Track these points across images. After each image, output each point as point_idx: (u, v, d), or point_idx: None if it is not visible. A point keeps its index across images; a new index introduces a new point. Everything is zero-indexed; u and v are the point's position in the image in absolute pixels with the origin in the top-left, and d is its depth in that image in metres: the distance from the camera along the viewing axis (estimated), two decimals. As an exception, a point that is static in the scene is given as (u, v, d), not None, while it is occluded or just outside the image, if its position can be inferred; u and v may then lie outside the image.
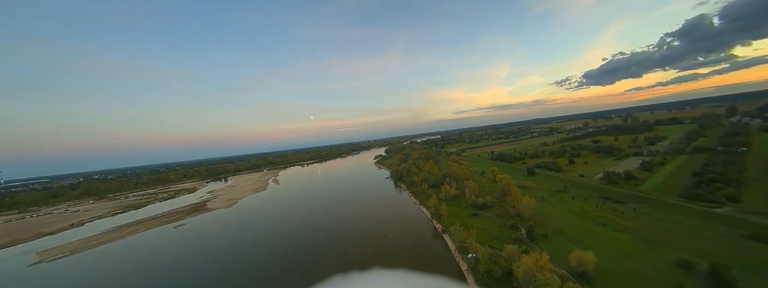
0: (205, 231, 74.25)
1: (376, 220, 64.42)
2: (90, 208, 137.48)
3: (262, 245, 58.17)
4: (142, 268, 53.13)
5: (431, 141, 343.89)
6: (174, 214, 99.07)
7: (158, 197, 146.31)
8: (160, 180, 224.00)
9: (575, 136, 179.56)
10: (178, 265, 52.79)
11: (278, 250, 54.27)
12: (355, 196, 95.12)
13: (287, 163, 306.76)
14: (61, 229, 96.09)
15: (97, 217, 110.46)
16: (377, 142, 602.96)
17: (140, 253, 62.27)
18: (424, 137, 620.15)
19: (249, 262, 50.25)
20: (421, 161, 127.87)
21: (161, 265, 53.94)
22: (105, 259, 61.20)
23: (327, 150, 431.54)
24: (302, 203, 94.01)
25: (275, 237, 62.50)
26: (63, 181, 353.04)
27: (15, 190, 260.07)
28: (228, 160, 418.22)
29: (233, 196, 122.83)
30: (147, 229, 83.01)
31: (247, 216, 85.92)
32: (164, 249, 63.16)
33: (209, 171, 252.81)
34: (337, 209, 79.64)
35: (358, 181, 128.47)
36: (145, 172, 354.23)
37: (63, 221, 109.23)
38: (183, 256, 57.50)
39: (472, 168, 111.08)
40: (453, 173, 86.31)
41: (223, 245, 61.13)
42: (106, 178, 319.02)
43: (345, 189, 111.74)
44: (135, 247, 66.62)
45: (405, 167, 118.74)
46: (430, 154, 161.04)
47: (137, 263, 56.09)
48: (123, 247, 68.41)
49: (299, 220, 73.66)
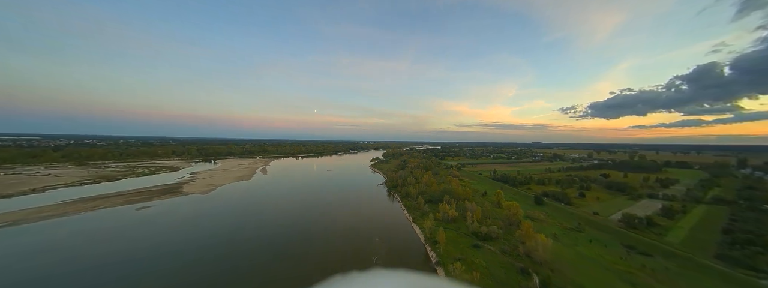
0: (166, 219, 65.52)
1: (360, 235, 55.91)
2: (64, 173, 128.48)
3: (218, 246, 49.62)
4: (69, 256, 44.45)
5: (431, 151, 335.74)
6: (143, 193, 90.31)
7: (137, 172, 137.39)
8: (147, 154, 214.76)
9: (581, 167, 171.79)
10: (108, 258, 44.12)
11: (233, 254, 45.81)
12: (343, 200, 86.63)
13: (282, 153, 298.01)
14: (20, 193, 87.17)
15: (63, 185, 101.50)
16: (376, 144, 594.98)
17: (81, 235, 53.52)
18: (424, 145, 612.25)
19: (191, 264, 41.73)
20: (419, 171, 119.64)
21: (90, 256, 45.23)
22: (39, 237, 52.44)
23: (324, 145, 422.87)
24: (283, 201, 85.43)
25: (238, 237, 53.94)
26: (53, 141, 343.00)
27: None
28: (223, 142, 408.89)
29: (214, 182, 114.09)
30: (106, 207, 74.22)
31: (220, 207, 77.17)
32: (110, 234, 54.44)
33: (200, 151, 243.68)
34: (318, 215, 71.10)
35: (350, 184, 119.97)
36: (137, 144, 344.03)
37: (27, 184, 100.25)
38: (123, 247, 48.76)
39: (473, 186, 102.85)
40: (453, 190, 78.01)
41: (177, 239, 52.58)
42: (96, 143, 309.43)
43: (333, 191, 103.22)
44: (79, 228, 57.84)
45: (401, 175, 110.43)
46: (429, 164, 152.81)
47: (67, 248, 47.39)
48: (68, 224, 59.66)
49: (273, 222, 65.00)
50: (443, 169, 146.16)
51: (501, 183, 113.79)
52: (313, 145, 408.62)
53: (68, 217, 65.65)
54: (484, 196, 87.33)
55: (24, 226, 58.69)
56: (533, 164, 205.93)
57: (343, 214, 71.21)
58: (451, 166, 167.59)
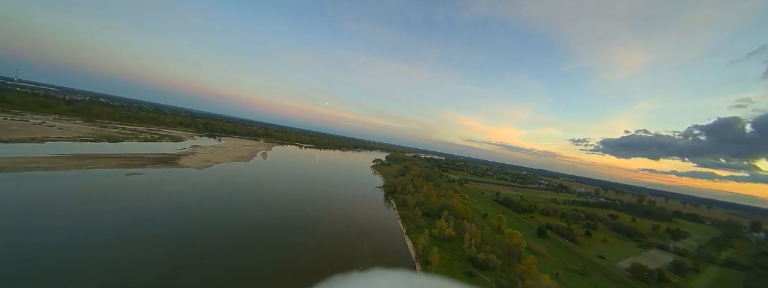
0: (153, 189, 62.86)
1: (348, 240, 52.13)
2: (69, 127, 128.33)
3: (190, 223, 46.52)
4: (35, 212, 41.79)
5: (435, 161, 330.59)
6: (138, 159, 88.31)
7: (140, 137, 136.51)
8: (155, 120, 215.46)
9: (588, 203, 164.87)
10: (74, 220, 41.29)
11: (201, 235, 42.61)
12: (337, 198, 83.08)
13: (286, 140, 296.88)
14: (19, 140, 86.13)
15: (64, 139, 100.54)
16: (381, 146, 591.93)
17: (61, 195, 51.05)
18: (428, 154, 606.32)
19: (154, 238, 38.54)
20: (420, 180, 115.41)
21: (64, 217, 42.50)
22: (20, 189, 50.17)
23: (329, 139, 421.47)
24: (276, 189, 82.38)
25: (218, 218, 50.78)
26: (70, 95, 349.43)
27: (18, 90, 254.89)
28: (230, 120, 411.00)
29: (212, 158, 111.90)
30: (98, 168, 72.21)
31: (212, 185, 74.41)
32: (90, 195, 51.88)
33: (206, 125, 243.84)
34: (308, 209, 67.63)
35: (348, 182, 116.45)
36: (148, 109, 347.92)
37: (28, 132, 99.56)
38: (97, 210, 46.02)
39: (474, 205, 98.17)
40: (453, 207, 73.68)
41: (156, 210, 49.70)
42: (110, 103, 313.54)
43: (330, 186, 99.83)
44: (64, 186, 55.48)
45: (401, 182, 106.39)
46: (431, 174, 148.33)
47: (42, 203, 44.82)
48: (55, 180, 57.43)
49: (260, 209, 61.80)
50: (445, 182, 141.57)
51: (503, 206, 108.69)
52: (318, 137, 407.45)
53: (56, 171, 63.62)
54: (484, 217, 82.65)
55: (9, 174, 56.71)
56: (538, 191, 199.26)
57: (335, 212, 67.56)
58: (454, 180, 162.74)
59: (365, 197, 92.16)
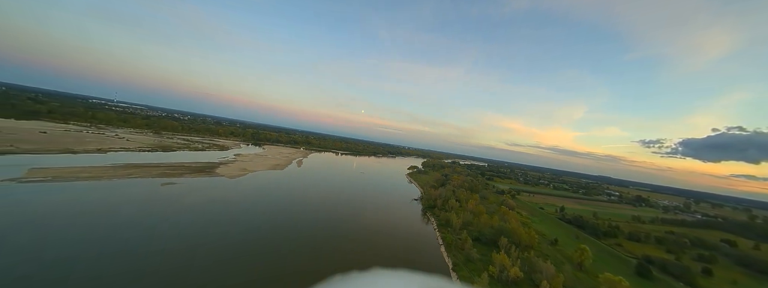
0: (180, 200, 59.17)
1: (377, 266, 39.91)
2: (136, 138, 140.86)
3: (197, 245, 39.01)
4: (46, 225, 38.10)
5: (476, 167, 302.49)
6: (180, 168, 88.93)
7: (192, 146, 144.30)
8: (210, 131, 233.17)
9: (683, 222, 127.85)
10: (75, 233, 36.34)
11: (209, 261, 34.30)
12: (367, 214, 72.06)
13: (324, 147, 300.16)
14: (86, 151, 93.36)
15: (124, 149, 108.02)
16: (416, 152, 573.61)
17: (85, 205, 48.71)
18: (467, 160, 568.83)
19: (175, 259, 30.97)
20: (463, 192, 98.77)
21: (58, 228, 38.21)
22: (54, 197, 49.14)
23: (365, 145, 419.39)
24: (304, 200, 74.77)
25: (229, 242, 42.94)
26: (152, 111, 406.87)
27: (110, 108, 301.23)
28: (277, 130, 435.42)
29: (248, 167, 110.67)
30: (139, 177, 72.41)
31: (238, 197, 69.53)
32: (110, 208, 48.70)
33: (253, 135, 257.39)
34: (335, 223, 57.71)
35: (381, 193, 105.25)
36: (210, 121, 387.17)
37: (99, 143, 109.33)
38: (105, 223, 41.43)
39: (535, 225, 78.66)
40: (512, 231, 56.88)
41: (171, 223, 43.93)
42: (181, 118, 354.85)
43: (361, 197, 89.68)
44: (94, 196, 53.87)
45: (442, 194, 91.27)
46: (475, 184, 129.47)
47: (60, 215, 41.73)
48: (90, 189, 56.82)
49: (279, 226, 53.45)
50: (492, 193, 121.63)
51: (574, 227, 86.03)
52: (353, 143, 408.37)
53: (98, 181, 64.08)
54: (554, 245, 63.44)
55: (55, 184, 57.56)
56: (610, 206, 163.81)
57: (361, 234, 56.35)
58: (503, 191, 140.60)
59: (400, 211, 79.55)
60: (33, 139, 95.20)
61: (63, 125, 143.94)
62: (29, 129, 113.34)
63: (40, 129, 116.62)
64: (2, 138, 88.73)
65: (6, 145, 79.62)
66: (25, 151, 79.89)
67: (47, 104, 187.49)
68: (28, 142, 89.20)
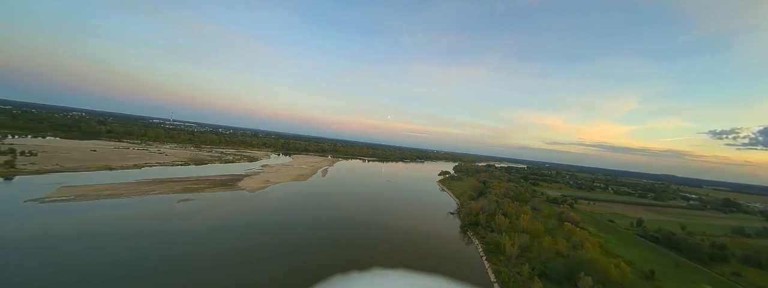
0: (190, 219, 53.23)
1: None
2: (174, 153, 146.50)
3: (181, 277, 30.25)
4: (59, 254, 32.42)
5: (515, 170, 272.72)
6: (204, 182, 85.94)
7: (223, 158, 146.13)
8: (244, 143, 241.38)
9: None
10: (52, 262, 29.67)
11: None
12: (397, 231, 60.03)
13: (350, 154, 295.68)
14: (123, 167, 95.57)
15: (159, 164, 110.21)
16: (446, 155, 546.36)
17: (92, 227, 43.95)
18: (503, 162, 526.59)
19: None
20: (509, 204, 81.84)
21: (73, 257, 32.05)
22: (62, 219, 45.39)
23: (392, 151, 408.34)
24: (323, 216, 65.35)
25: (225, 272, 33.85)
26: (199, 128, 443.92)
27: (164, 126, 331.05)
28: (306, 139, 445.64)
29: (272, 179, 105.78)
30: (160, 193, 69.34)
31: (256, 213, 62.60)
32: (121, 230, 43.26)
33: (283, 145, 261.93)
34: (357, 252, 46.60)
35: (411, 205, 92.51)
36: (248, 134, 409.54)
37: (138, 159, 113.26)
38: (92, 248, 34.96)
39: (610, 245, 59.61)
40: (593, 262, 40.47)
41: (168, 246, 36.45)
42: (222, 132, 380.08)
43: (388, 213, 77.97)
44: (103, 219, 49.57)
45: (483, 207, 75.69)
46: (521, 192, 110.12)
47: (49, 243, 36.47)
48: (107, 210, 53.28)
49: (301, 244, 43.88)
50: (543, 202, 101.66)
51: (663, 248, 64.30)
52: (381, 149, 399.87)
53: (118, 199, 61.33)
54: (650, 279, 44.86)
55: (73, 204, 55.27)
56: (694, 213, 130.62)
57: (388, 257, 44.39)
58: (556, 199, 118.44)
59: (433, 232, 65.95)
60: (81, 158, 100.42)
61: (116, 143, 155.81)
62: (83, 148, 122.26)
63: (93, 147, 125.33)
64: (55, 157, 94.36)
65: (53, 164, 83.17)
66: (68, 169, 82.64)
67: (109, 125, 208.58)
68: (74, 160, 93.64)
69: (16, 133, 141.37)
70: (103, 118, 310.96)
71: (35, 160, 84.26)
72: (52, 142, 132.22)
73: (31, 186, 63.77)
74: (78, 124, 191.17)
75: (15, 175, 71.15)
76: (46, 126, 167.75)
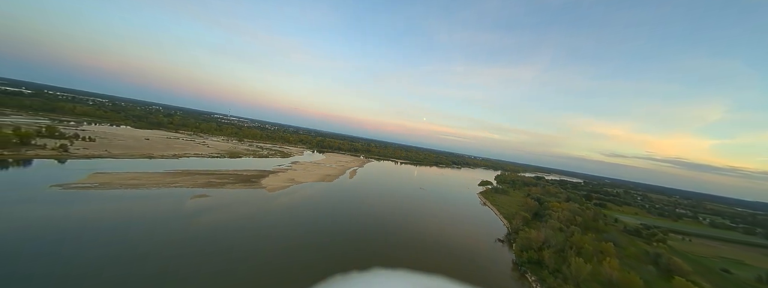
0: (195, 219, 46.15)
1: None
2: (216, 145, 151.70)
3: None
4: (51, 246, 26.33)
5: (571, 185, 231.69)
6: (228, 177, 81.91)
7: (258, 153, 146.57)
8: (283, 139, 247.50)
9: None
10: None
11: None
12: (427, 263, 45.34)
13: (383, 155, 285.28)
14: (162, 156, 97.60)
15: (197, 155, 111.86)
16: (485, 162, 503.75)
17: (91, 220, 38.67)
18: (551, 173, 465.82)
19: None
20: (581, 236, 60.99)
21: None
22: (71, 208, 41.37)
23: (425, 154, 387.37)
24: (343, 229, 53.86)
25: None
26: (250, 123, 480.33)
27: (219, 120, 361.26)
28: (341, 137, 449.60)
29: (297, 177, 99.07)
30: (182, 187, 65.62)
31: (267, 218, 54.10)
32: (115, 225, 37.16)
33: (318, 143, 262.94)
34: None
35: (447, 223, 76.64)
36: (290, 130, 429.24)
37: (181, 149, 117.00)
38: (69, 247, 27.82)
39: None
40: None
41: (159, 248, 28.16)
42: (267, 128, 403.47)
43: (417, 232, 63.50)
44: (109, 212, 44.77)
45: (548, 239, 56.51)
46: (590, 219, 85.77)
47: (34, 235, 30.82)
48: (121, 201, 49.30)
49: (305, 266, 32.49)
50: (619, 232, 76.83)
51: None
52: (414, 152, 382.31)
53: (138, 190, 58.21)
54: None
55: (94, 192, 52.77)
56: None
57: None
58: (638, 230, 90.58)
59: (476, 266, 49.52)
60: (132, 145, 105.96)
61: (172, 134, 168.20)
62: (140, 136, 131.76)
63: (148, 136, 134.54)
64: (110, 143, 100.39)
65: (102, 150, 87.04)
66: (114, 155, 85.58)
67: (172, 117, 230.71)
68: (124, 147, 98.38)
69: (96, 121, 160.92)
70: (172, 111, 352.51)
71: (90, 146, 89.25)
72: (121, 130, 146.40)
73: (68, 171, 64.57)
74: (147, 115, 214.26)
75: (66, 159, 74.25)
76: (122, 116, 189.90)
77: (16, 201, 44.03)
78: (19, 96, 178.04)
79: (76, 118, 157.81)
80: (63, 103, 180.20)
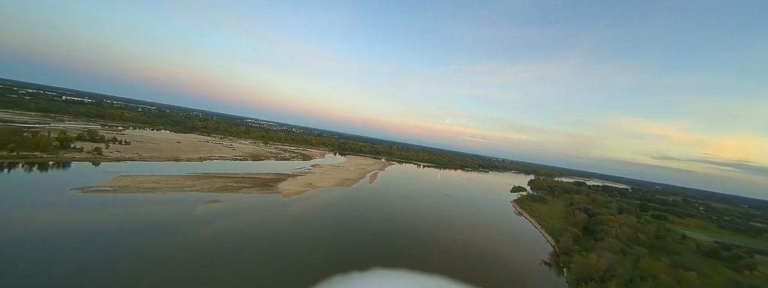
0: (195, 229, 42.22)
1: None
2: (241, 147, 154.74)
3: None
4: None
5: (619, 192, 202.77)
6: (245, 181, 79.57)
7: (279, 156, 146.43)
8: (306, 141, 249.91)
9: None
10: None
11: None
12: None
13: (405, 158, 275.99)
14: (188, 159, 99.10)
15: (221, 158, 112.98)
16: (515, 165, 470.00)
17: (93, 226, 36.06)
18: (591, 178, 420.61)
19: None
20: (653, 265, 47.73)
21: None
22: (78, 214, 39.52)
23: (450, 156, 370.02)
24: (357, 242, 46.77)
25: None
26: (278, 127, 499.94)
27: (250, 125, 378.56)
28: (363, 140, 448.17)
29: (315, 182, 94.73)
30: (196, 191, 63.59)
31: (276, 228, 48.90)
32: (111, 235, 34.01)
33: (340, 145, 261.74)
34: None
35: (479, 235, 66.54)
36: (314, 133, 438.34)
37: (207, 152, 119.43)
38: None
39: None
40: None
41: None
42: (293, 131, 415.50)
43: (446, 250, 54.44)
44: (115, 218, 42.39)
45: (611, 265, 44.47)
46: (650, 232, 69.78)
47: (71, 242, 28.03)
48: (131, 206, 47.38)
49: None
50: (691, 252, 60.64)
51: None
52: (437, 154, 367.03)
53: (153, 194, 56.77)
54: None
55: (109, 196, 51.81)
56: None
57: None
58: (714, 250, 72.34)
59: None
60: (163, 148, 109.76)
61: (204, 137, 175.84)
62: (172, 140, 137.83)
63: (179, 140, 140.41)
64: (142, 147, 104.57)
65: (133, 153, 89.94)
66: (143, 158, 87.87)
67: (206, 122, 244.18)
68: (155, 150, 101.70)
69: (140, 126, 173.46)
70: (209, 116, 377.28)
71: (123, 149, 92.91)
72: (159, 134, 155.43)
73: (95, 173, 65.72)
74: (185, 120, 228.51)
75: (99, 161, 76.87)
76: (162, 121, 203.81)
77: (28, 204, 43.38)
78: (78, 104, 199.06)
79: (123, 123, 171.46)
80: (113, 110, 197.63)
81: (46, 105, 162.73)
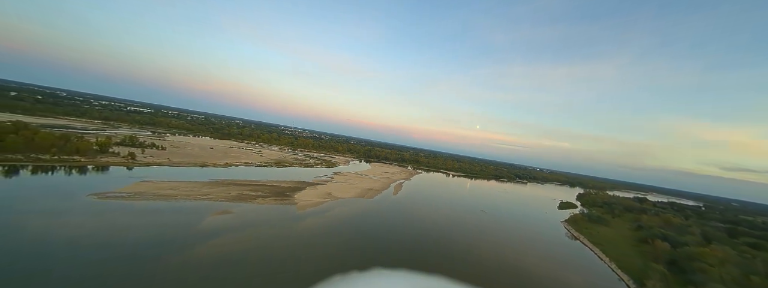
0: (185, 249, 36.15)
1: None
2: (268, 153, 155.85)
3: None
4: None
5: (693, 211, 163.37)
6: (263, 189, 75.07)
7: (304, 162, 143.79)
8: (332, 148, 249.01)
9: None
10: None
11: None
12: None
13: (433, 166, 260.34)
14: (215, 165, 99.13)
15: (246, 164, 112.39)
16: (557, 176, 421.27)
17: (95, 236, 31.74)
18: (649, 192, 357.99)
19: None
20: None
21: None
22: (91, 220, 36.12)
23: (481, 165, 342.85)
24: (388, 261, 36.74)
25: None
26: (308, 134, 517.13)
27: (280, 132, 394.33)
28: (390, 147, 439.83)
29: (335, 191, 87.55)
30: (211, 199, 59.80)
31: (285, 248, 41.40)
32: (111, 246, 29.07)
33: (365, 152, 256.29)
34: None
35: (528, 269, 52.38)
36: (342, 140, 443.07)
37: (235, 158, 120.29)
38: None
39: None
40: None
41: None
42: (322, 138, 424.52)
43: (485, 279, 41.87)
44: (127, 223, 38.27)
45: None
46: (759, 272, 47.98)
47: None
48: (139, 215, 43.77)
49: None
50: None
51: None
52: (467, 163, 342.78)
53: (165, 202, 53.67)
54: None
55: (123, 203, 49.39)
56: None
57: None
58: None
59: None
60: (194, 154, 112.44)
61: (236, 143, 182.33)
62: (206, 145, 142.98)
63: (212, 146, 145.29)
64: (176, 152, 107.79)
65: (164, 158, 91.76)
66: (172, 163, 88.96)
67: (242, 129, 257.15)
68: (186, 156, 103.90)
69: (183, 133, 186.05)
70: (248, 124, 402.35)
71: (156, 154, 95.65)
72: (199, 140, 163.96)
73: (119, 178, 65.65)
74: (224, 128, 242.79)
75: (132, 166, 78.40)
76: (204, 128, 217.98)
77: (31, 210, 41.35)
78: (137, 113, 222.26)
79: (169, 130, 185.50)
80: (163, 118, 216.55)
81: (108, 114, 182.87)
